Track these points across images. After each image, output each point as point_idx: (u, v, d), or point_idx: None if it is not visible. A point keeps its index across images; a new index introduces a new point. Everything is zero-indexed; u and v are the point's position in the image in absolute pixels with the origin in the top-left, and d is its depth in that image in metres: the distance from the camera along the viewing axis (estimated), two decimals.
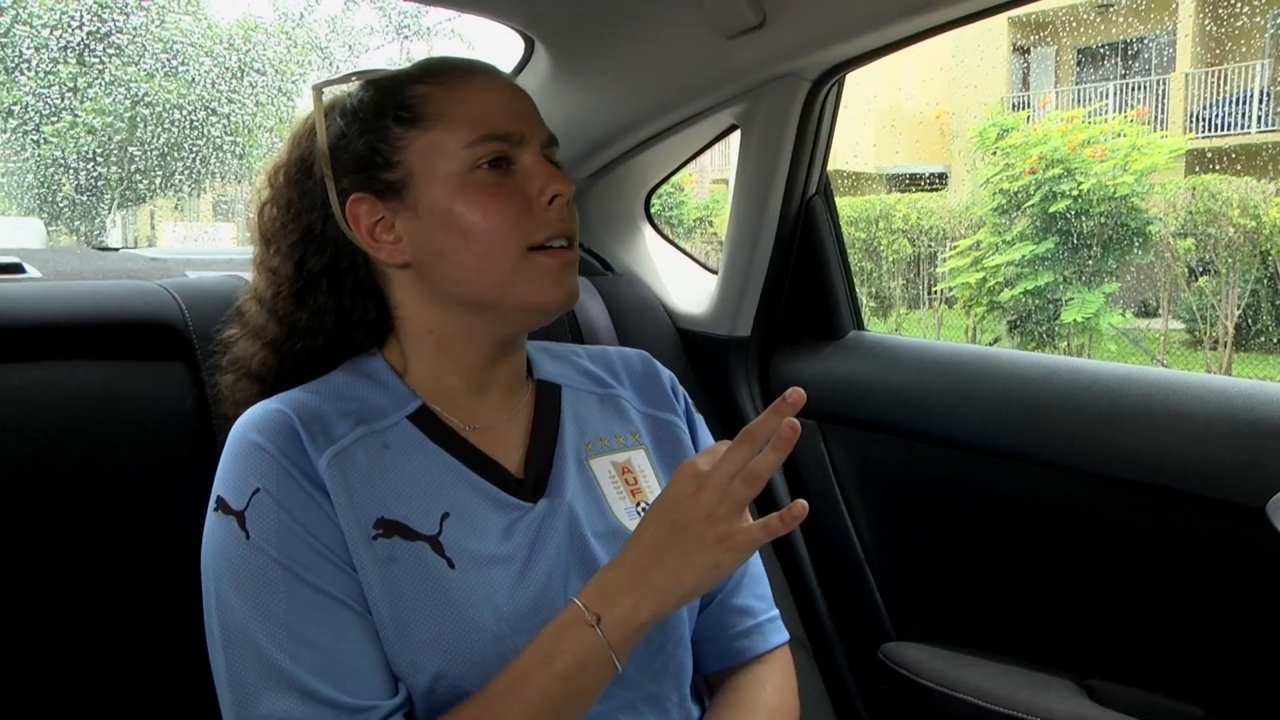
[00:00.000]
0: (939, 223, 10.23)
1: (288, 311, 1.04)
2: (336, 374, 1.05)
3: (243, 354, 1.07)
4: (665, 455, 1.14)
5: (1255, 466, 1.21)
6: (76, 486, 1.14)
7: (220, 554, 0.92)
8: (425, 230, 0.99)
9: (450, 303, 1.02)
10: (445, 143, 0.98)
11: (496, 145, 0.98)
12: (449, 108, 0.99)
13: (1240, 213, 8.20)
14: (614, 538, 1.03)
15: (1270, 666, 1.25)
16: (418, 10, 13.84)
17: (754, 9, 1.41)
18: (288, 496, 0.93)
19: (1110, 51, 13.07)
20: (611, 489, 1.07)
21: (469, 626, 0.92)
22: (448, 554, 0.94)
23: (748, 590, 1.15)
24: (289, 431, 0.95)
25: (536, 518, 1.00)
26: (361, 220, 1.00)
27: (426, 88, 1.00)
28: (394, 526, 0.94)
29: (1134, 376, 1.38)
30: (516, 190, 0.99)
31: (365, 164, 1.00)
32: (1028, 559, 1.48)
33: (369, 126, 1.00)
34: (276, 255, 1.05)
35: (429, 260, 1.00)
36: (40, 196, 11.59)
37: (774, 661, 1.14)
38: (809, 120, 1.64)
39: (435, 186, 0.98)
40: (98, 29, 11.02)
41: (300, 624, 0.89)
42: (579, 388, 1.14)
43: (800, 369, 1.77)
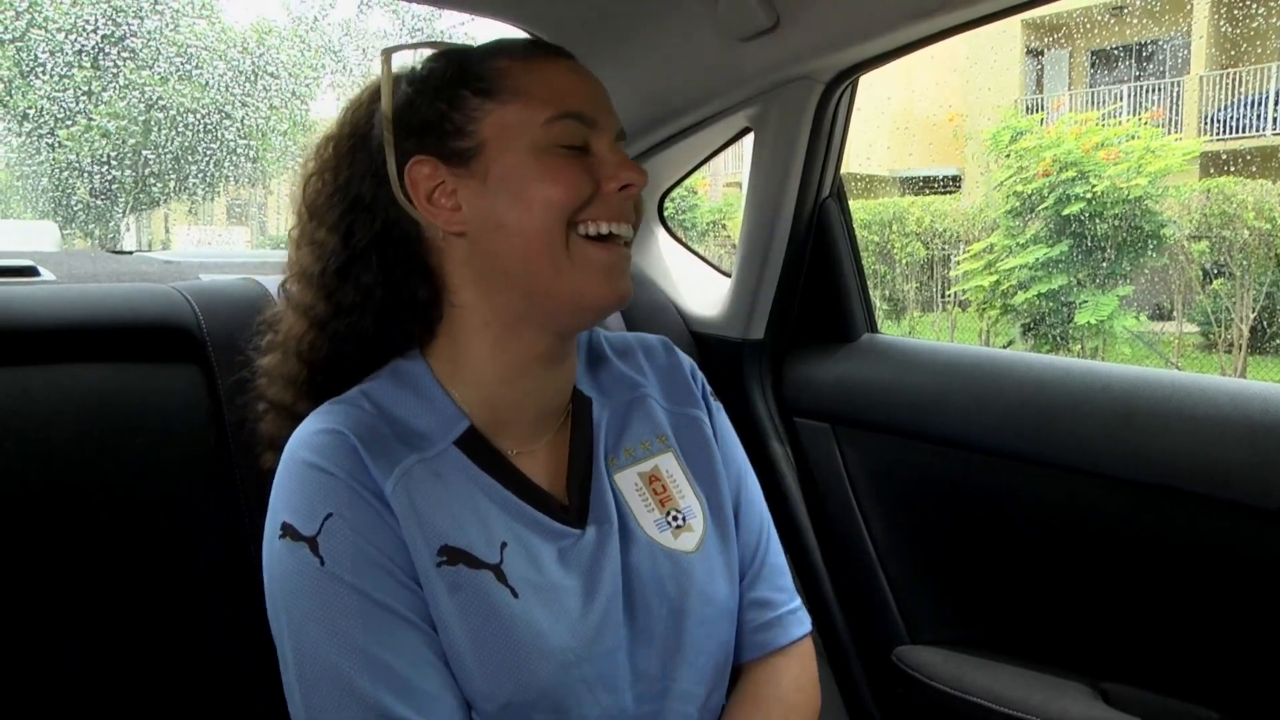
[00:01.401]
0: (952, 226, 10.21)
1: (335, 287, 1.01)
2: (381, 383, 1.02)
3: (290, 332, 1.04)
4: (691, 452, 1.13)
5: (1268, 468, 1.20)
6: (89, 488, 1.14)
7: (291, 581, 0.91)
8: (489, 199, 0.96)
9: (502, 287, 0.98)
10: (523, 118, 0.96)
11: (575, 125, 0.97)
12: (530, 84, 0.97)
13: (1255, 215, 8.17)
14: (646, 557, 1.03)
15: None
16: (431, 14, 13.89)
17: (767, 11, 1.41)
18: (360, 519, 0.92)
19: (1124, 54, 13.04)
20: (639, 503, 1.06)
21: (536, 655, 0.92)
22: (510, 583, 0.94)
23: (766, 583, 1.14)
24: (351, 452, 0.93)
25: (588, 546, 1.00)
26: (420, 185, 0.98)
27: (507, 62, 0.98)
28: (458, 554, 0.93)
29: (1148, 379, 1.38)
30: (588, 172, 0.97)
31: (434, 129, 0.98)
32: (1041, 561, 1.47)
33: (442, 94, 0.98)
34: (321, 228, 1.02)
35: (486, 233, 0.97)
36: (55, 200, 11.67)
37: (792, 654, 1.13)
38: (822, 123, 1.63)
39: (509, 157, 0.96)
40: (112, 33, 11.10)
41: (377, 648, 0.88)
42: (608, 399, 1.13)
43: (814, 372, 1.77)
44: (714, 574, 1.06)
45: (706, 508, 1.10)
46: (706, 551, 1.07)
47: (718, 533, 1.10)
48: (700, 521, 1.08)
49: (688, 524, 1.07)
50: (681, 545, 1.05)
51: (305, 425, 0.97)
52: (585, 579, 0.98)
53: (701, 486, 1.11)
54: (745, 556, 1.13)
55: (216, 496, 1.21)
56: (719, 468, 1.14)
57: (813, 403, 1.76)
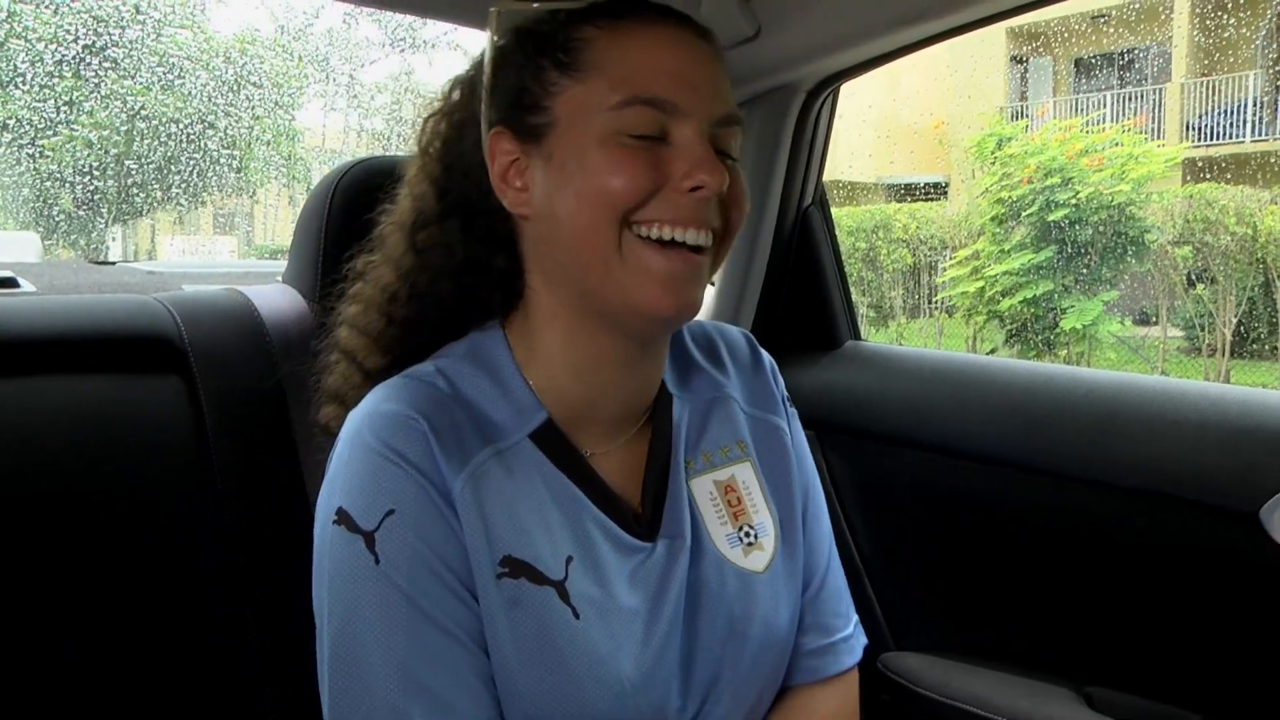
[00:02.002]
0: (938, 232, 10.26)
1: (422, 241, 0.97)
2: (459, 360, 0.96)
3: (377, 283, 0.99)
4: (769, 463, 1.06)
5: (1249, 472, 1.21)
6: (72, 500, 1.13)
7: (341, 573, 0.86)
8: (550, 182, 0.89)
9: (559, 279, 0.93)
10: (595, 98, 0.87)
11: (646, 111, 0.87)
12: (610, 59, 0.88)
13: (1236, 221, 8.22)
14: (714, 575, 0.97)
15: (1266, 671, 1.25)
16: (419, 23, 13.89)
17: (749, 20, 1.42)
18: (423, 522, 0.86)
19: (1106, 62, 13.12)
20: (712, 513, 1.00)
21: (592, 683, 0.87)
22: (573, 602, 0.88)
23: (826, 606, 1.08)
24: (424, 444, 0.87)
25: (657, 565, 0.94)
26: (498, 157, 0.92)
27: (595, 30, 0.89)
28: (521, 567, 0.88)
29: (1130, 384, 1.38)
30: (659, 164, 0.87)
31: (513, 101, 0.92)
32: (1026, 567, 1.48)
33: (526, 63, 0.91)
34: (426, 179, 0.98)
35: (545, 218, 0.91)
36: (37, 211, 11.62)
37: (838, 685, 1.08)
38: (805, 130, 1.64)
39: (576, 139, 0.88)
40: (93, 43, 11.07)
41: (417, 662, 0.84)
42: (690, 397, 1.05)
43: (798, 379, 1.77)
44: (779, 600, 1.01)
45: (779, 526, 1.04)
46: (774, 574, 1.01)
47: (786, 554, 1.04)
48: (771, 541, 1.02)
49: (759, 542, 1.01)
50: (751, 564, 1.00)
51: (376, 397, 0.92)
52: (651, 600, 0.93)
53: (776, 502, 1.05)
54: (809, 576, 1.07)
55: (199, 506, 1.20)
56: (795, 483, 1.07)
57: (797, 410, 1.76)
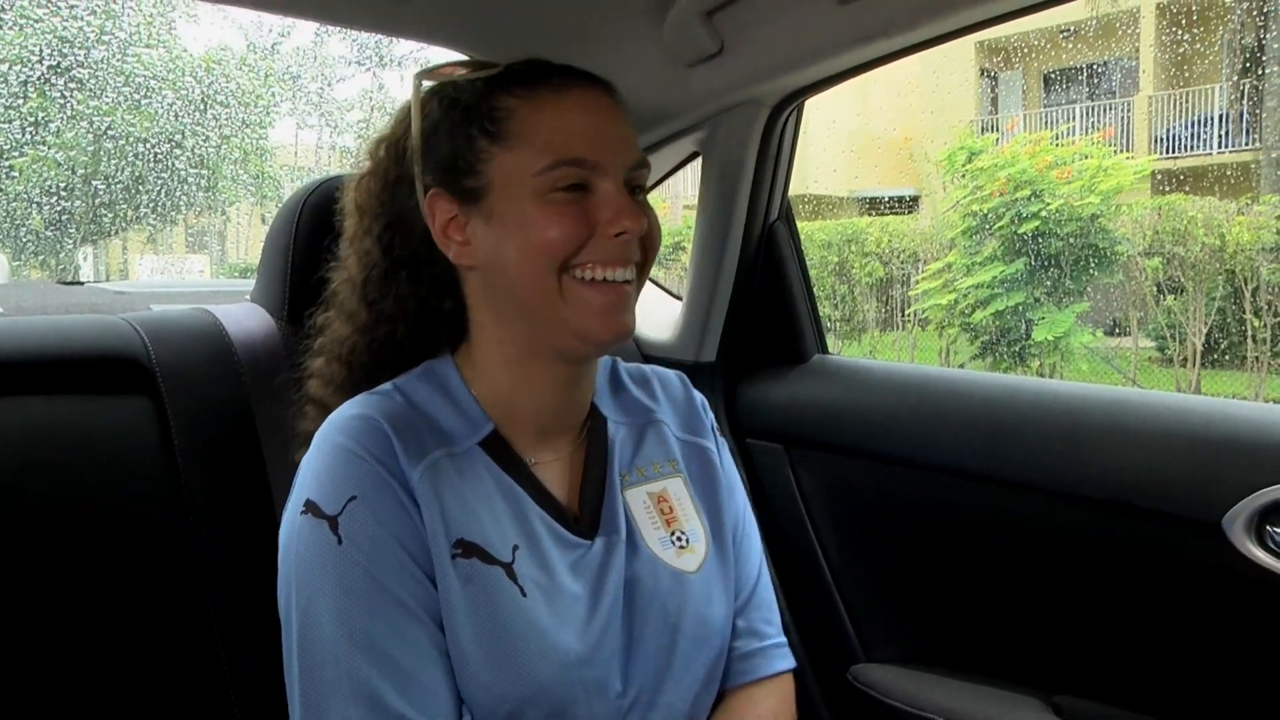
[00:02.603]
0: (910, 245, 10.29)
1: (375, 296, 1.06)
2: (413, 379, 1.06)
3: (336, 337, 1.09)
4: (698, 480, 1.17)
5: (1211, 482, 1.22)
6: (40, 521, 1.13)
7: (307, 555, 0.93)
8: (492, 237, 0.99)
9: (510, 317, 1.02)
10: (523, 164, 0.97)
11: (570, 171, 0.97)
12: (531, 128, 0.98)
13: (1205, 231, 8.30)
14: (649, 571, 1.06)
15: (1230, 679, 1.26)
16: (387, 40, 13.88)
17: (712, 37, 1.43)
18: (382, 505, 0.94)
19: (1075, 75, 13.24)
20: (646, 519, 1.09)
21: (538, 653, 0.95)
22: (520, 582, 0.97)
23: (757, 614, 1.16)
24: (383, 438, 0.97)
25: (596, 558, 1.03)
26: (438, 216, 1.01)
27: (515, 100, 1.00)
28: (473, 548, 0.96)
29: (1094, 395, 1.40)
30: (586, 214, 0.98)
31: (448, 166, 1.01)
32: (994, 578, 1.49)
33: (456, 132, 1.00)
34: (368, 236, 1.06)
35: (491, 269, 1.01)
36: (4, 231, 11.51)
37: (772, 687, 1.15)
38: (769, 146, 1.65)
39: (511, 199, 0.98)
40: (58, 63, 10.99)
41: (381, 635, 0.91)
42: (623, 420, 1.16)
43: (766, 394, 1.78)
44: (711, 596, 1.09)
45: (709, 534, 1.13)
46: (706, 574, 1.10)
47: (718, 559, 1.13)
48: (703, 545, 1.12)
49: (690, 545, 1.10)
50: (684, 565, 1.08)
51: (340, 410, 1.01)
52: (592, 588, 1.01)
53: (707, 514, 1.15)
54: (740, 586, 1.16)
55: (168, 525, 1.20)
56: (724, 498, 1.17)
57: (765, 424, 1.77)
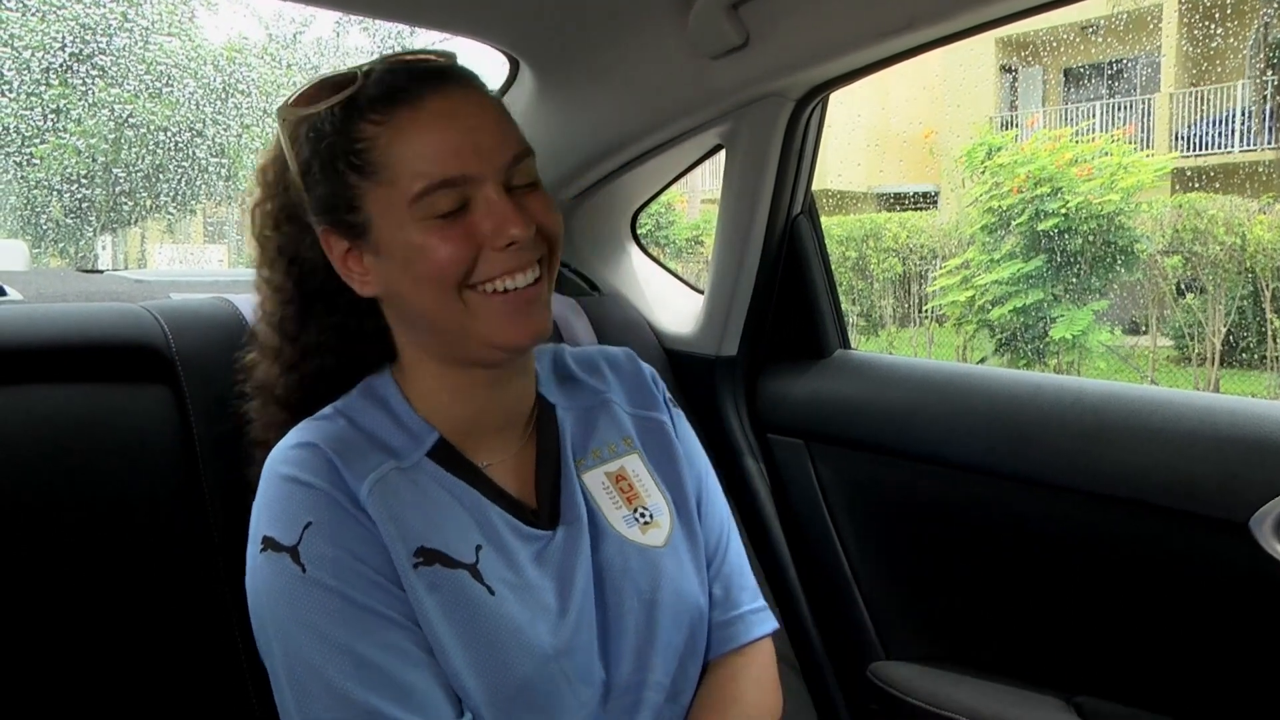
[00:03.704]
0: (928, 241, 10.25)
1: (297, 331, 1.06)
2: (354, 399, 1.06)
3: (266, 378, 1.08)
4: (655, 453, 1.17)
5: (1238, 482, 1.21)
6: (58, 509, 1.13)
7: (274, 592, 0.93)
8: (386, 268, 0.99)
9: (423, 334, 1.03)
10: (395, 195, 0.95)
11: (443, 195, 0.94)
12: (394, 157, 0.95)
13: (1225, 230, 8.24)
14: (616, 551, 1.06)
15: (1254, 680, 1.25)
16: (408, 32, 13.89)
17: (737, 30, 1.42)
18: (338, 527, 0.95)
19: (1096, 72, 13.16)
20: (606, 500, 1.10)
21: (515, 649, 0.95)
22: (486, 581, 0.97)
23: (728, 580, 1.17)
24: (325, 461, 0.97)
25: (559, 548, 1.03)
26: (334, 249, 1.01)
27: (374, 128, 0.96)
28: (434, 555, 0.96)
29: (1118, 393, 1.39)
30: (469, 232, 0.95)
31: (329, 206, 0.99)
32: (1015, 576, 1.48)
33: (328, 170, 0.98)
34: (279, 273, 1.06)
35: (392, 296, 1.01)
36: (24, 219, 11.54)
37: (752, 655, 1.15)
38: (793, 140, 1.64)
39: (392, 233, 0.96)
40: (80, 50, 11.00)
41: (363, 649, 0.91)
42: (572, 403, 1.16)
43: (787, 388, 1.77)
44: (683, 568, 1.10)
45: (673, 506, 1.14)
46: (675, 547, 1.10)
47: (684, 530, 1.13)
48: (667, 518, 1.12)
49: (655, 520, 1.11)
50: (650, 540, 1.09)
51: (280, 444, 1.01)
52: (559, 578, 1.02)
53: (667, 486, 1.15)
54: (708, 552, 1.16)
55: (186, 515, 1.20)
56: (683, 468, 1.18)
57: (786, 419, 1.76)
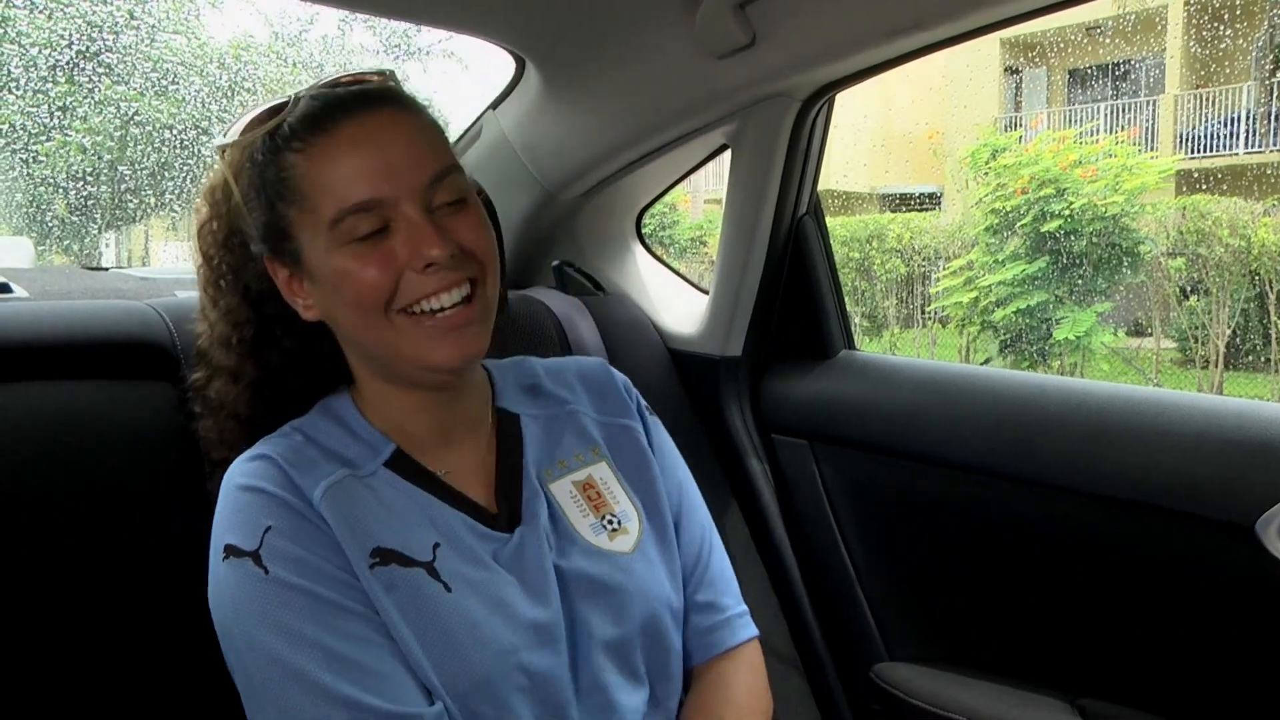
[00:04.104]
0: (932, 242, 10.25)
1: (261, 354, 1.08)
2: (311, 417, 1.08)
3: (224, 396, 1.09)
4: (625, 460, 1.18)
5: (1243, 484, 1.21)
6: (62, 505, 1.13)
7: (239, 598, 0.94)
8: (321, 293, 1.01)
9: (365, 361, 1.06)
10: (315, 221, 0.97)
11: (358, 218, 0.96)
12: (312, 183, 0.97)
13: (1230, 233, 8.23)
14: (582, 557, 1.07)
15: (1258, 684, 1.25)
16: (413, 30, 13.88)
17: (744, 29, 1.42)
18: (296, 529, 0.96)
19: (1100, 73, 13.15)
20: (574, 509, 1.10)
21: (471, 644, 0.96)
22: (443, 579, 0.98)
23: (711, 587, 1.18)
24: (277, 470, 0.99)
25: (515, 544, 1.04)
26: (278, 276, 1.04)
27: (296, 156, 0.98)
28: (390, 554, 0.97)
29: (1123, 395, 1.38)
30: (390, 255, 0.96)
31: (266, 234, 1.02)
32: (1019, 578, 1.48)
33: (262, 200, 1.01)
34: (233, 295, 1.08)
35: (331, 321, 1.04)
36: (30, 216, 11.55)
37: (740, 659, 1.16)
38: (799, 140, 1.64)
39: (318, 258, 0.99)
40: (87, 48, 11.00)
41: (333, 641, 0.92)
42: (538, 413, 1.17)
43: (791, 389, 1.77)
44: (653, 572, 1.10)
45: (642, 512, 1.14)
46: (644, 552, 1.11)
47: (655, 535, 1.14)
48: (636, 524, 1.13)
49: (623, 527, 1.12)
50: (618, 546, 1.10)
51: (237, 459, 1.03)
52: (519, 577, 1.02)
53: (637, 492, 1.16)
54: (688, 563, 1.17)
55: (188, 513, 1.19)
56: (655, 475, 1.18)
57: (790, 420, 1.76)
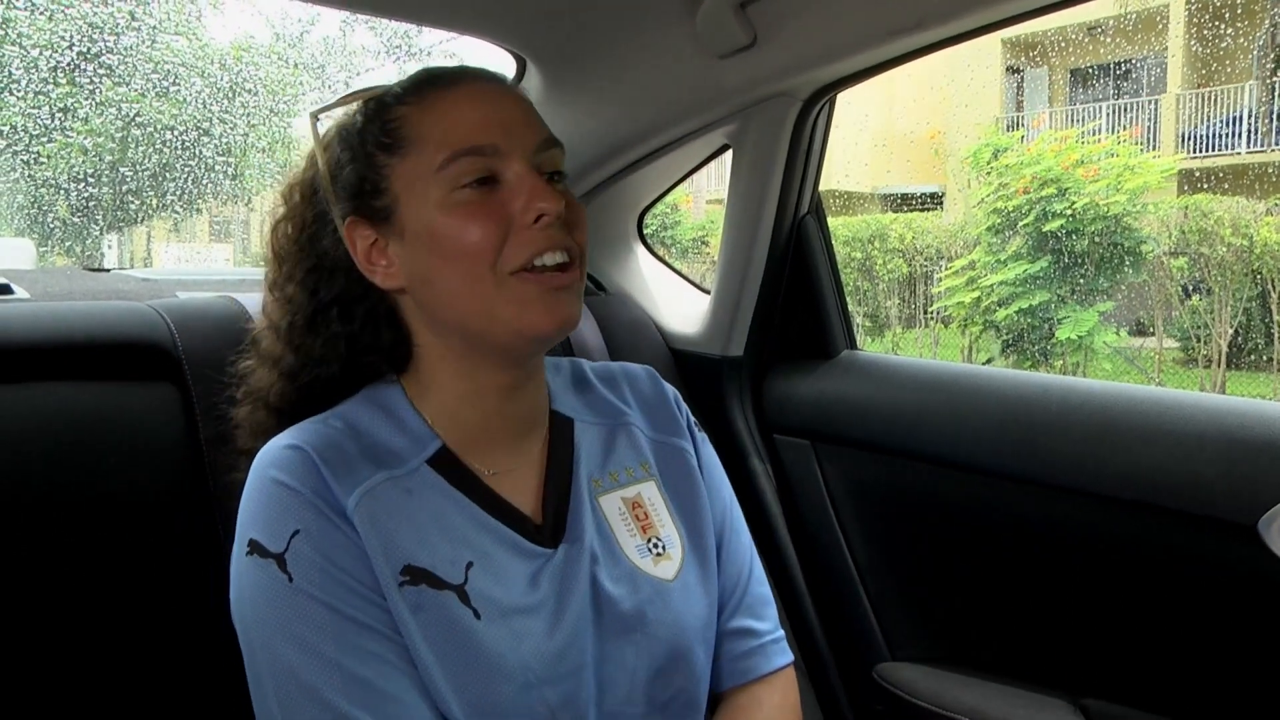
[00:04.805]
0: (934, 242, 10.25)
1: (302, 340, 1.04)
2: (353, 404, 1.03)
3: (260, 384, 1.06)
4: (673, 483, 1.14)
5: (1246, 484, 1.21)
6: (64, 507, 1.13)
7: (260, 599, 0.91)
8: (413, 254, 0.97)
9: (447, 331, 1.00)
10: (422, 166, 0.95)
11: (470, 161, 0.95)
12: (424, 129, 0.96)
13: (1232, 232, 8.23)
14: (626, 580, 1.03)
15: (1262, 683, 1.25)
16: (414, 31, 13.89)
17: (745, 29, 1.42)
18: (325, 537, 0.92)
19: (1102, 72, 13.15)
20: (621, 527, 1.07)
21: (497, 675, 0.92)
22: (474, 604, 0.94)
23: (749, 612, 1.14)
24: (313, 469, 0.94)
25: (559, 565, 1.00)
26: (358, 243, 1.00)
27: (406, 109, 0.98)
28: (421, 574, 0.94)
29: (1126, 395, 1.38)
30: (499, 209, 0.95)
31: (355, 191, 0.99)
32: (1021, 578, 1.47)
33: (357, 155, 0.99)
34: (290, 281, 1.05)
35: (419, 286, 0.99)
36: (31, 217, 11.56)
37: (775, 683, 1.13)
38: (800, 140, 1.64)
39: (418, 210, 0.96)
40: (88, 49, 11.01)
41: (351, 662, 0.89)
42: (592, 422, 1.13)
43: (793, 389, 1.77)
44: (690, 602, 1.06)
45: (686, 538, 1.10)
46: (684, 580, 1.07)
47: (696, 563, 1.10)
48: (679, 550, 1.09)
49: (667, 552, 1.08)
50: (661, 573, 1.06)
51: (273, 441, 0.98)
52: (555, 599, 0.98)
53: (682, 517, 1.12)
54: (728, 586, 1.13)
55: (191, 514, 1.20)
56: (702, 499, 1.14)
57: (792, 420, 1.76)
